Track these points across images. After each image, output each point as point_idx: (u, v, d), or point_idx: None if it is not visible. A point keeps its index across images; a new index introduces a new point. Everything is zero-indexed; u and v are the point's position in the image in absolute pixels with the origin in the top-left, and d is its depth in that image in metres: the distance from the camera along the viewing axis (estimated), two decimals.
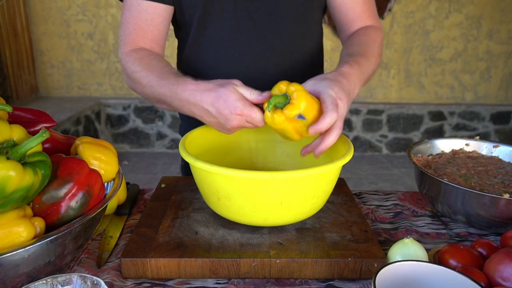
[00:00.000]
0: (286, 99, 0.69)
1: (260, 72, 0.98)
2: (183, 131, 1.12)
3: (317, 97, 0.71)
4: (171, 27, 1.03)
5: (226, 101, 0.71)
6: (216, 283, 0.67)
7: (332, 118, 0.68)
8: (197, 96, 0.75)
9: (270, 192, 0.68)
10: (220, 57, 0.97)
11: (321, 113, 0.70)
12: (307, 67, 1.04)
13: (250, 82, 0.99)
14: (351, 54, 0.88)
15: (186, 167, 1.15)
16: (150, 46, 0.93)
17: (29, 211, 0.61)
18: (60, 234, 0.58)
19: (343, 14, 1.00)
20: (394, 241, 0.76)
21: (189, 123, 1.10)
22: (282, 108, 0.69)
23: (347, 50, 0.92)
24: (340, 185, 0.93)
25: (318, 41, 1.07)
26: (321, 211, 0.82)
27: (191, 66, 1.02)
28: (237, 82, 0.74)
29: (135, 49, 0.91)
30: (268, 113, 0.70)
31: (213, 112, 0.73)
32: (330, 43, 3.52)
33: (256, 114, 0.71)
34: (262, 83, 1.00)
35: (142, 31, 0.92)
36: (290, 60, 1.00)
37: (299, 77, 1.02)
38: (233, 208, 0.71)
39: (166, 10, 0.93)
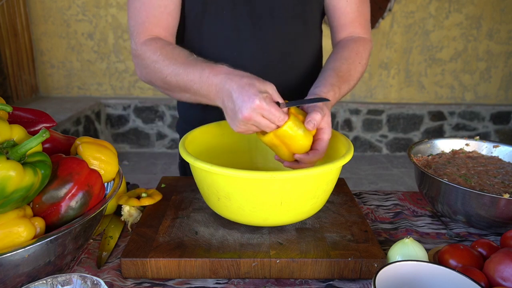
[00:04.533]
0: None
1: (258, 73, 0.98)
2: (180, 129, 1.12)
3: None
4: None
5: (252, 88, 0.69)
6: (216, 283, 0.67)
7: (319, 115, 0.73)
8: (228, 80, 0.73)
9: (270, 192, 0.68)
10: (217, 57, 0.97)
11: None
12: (306, 69, 1.04)
13: None
14: (337, 72, 0.89)
15: (183, 165, 1.15)
16: (164, 36, 0.91)
17: (29, 211, 0.61)
18: (60, 234, 0.58)
19: (336, 18, 1.00)
20: (394, 241, 0.76)
21: (187, 122, 1.10)
22: None
23: (334, 63, 0.92)
24: (340, 185, 0.93)
25: (318, 43, 1.07)
26: (321, 211, 0.82)
27: None
28: (273, 86, 0.73)
29: (152, 38, 0.89)
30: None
31: (234, 96, 0.71)
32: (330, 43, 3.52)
33: (277, 110, 0.69)
34: None
35: (156, 19, 0.89)
36: (289, 61, 1.00)
37: (298, 79, 1.03)
38: (233, 208, 0.71)
39: None
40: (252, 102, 0.68)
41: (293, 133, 0.71)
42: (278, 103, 0.71)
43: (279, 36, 0.97)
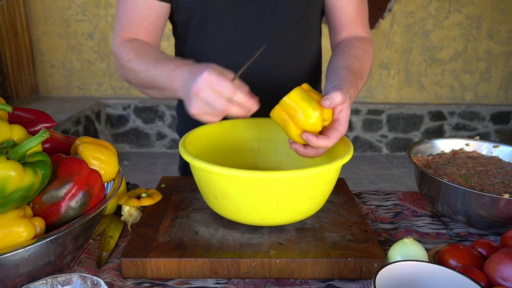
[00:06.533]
0: None
1: (263, 75, 0.98)
2: (180, 130, 1.12)
3: None
4: (170, 26, 1.03)
5: (204, 67, 0.70)
6: (216, 283, 0.67)
7: (340, 97, 0.70)
8: (188, 68, 0.75)
9: (266, 192, 0.68)
10: (221, 60, 0.97)
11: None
12: (307, 69, 1.04)
13: (252, 85, 0.99)
14: (351, 70, 0.87)
15: (183, 167, 1.15)
16: (145, 40, 0.93)
17: (29, 211, 0.61)
18: (60, 234, 0.58)
19: (336, 18, 1.00)
20: (394, 241, 0.76)
21: (187, 123, 1.10)
22: None
23: (345, 61, 0.90)
24: (340, 185, 0.93)
25: (318, 43, 1.08)
26: (321, 211, 0.82)
27: None
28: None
29: (129, 40, 0.92)
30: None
31: (188, 77, 0.72)
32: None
33: (225, 80, 0.67)
34: (264, 86, 1.00)
35: (137, 25, 0.92)
36: (291, 61, 1.00)
37: (299, 79, 1.03)
38: (231, 207, 0.71)
39: (162, 7, 0.93)
40: (200, 74, 0.69)
41: (295, 104, 0.70)
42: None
43: (282, 38, 0.96)
